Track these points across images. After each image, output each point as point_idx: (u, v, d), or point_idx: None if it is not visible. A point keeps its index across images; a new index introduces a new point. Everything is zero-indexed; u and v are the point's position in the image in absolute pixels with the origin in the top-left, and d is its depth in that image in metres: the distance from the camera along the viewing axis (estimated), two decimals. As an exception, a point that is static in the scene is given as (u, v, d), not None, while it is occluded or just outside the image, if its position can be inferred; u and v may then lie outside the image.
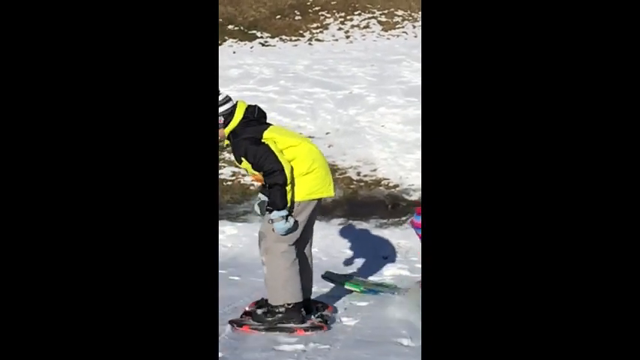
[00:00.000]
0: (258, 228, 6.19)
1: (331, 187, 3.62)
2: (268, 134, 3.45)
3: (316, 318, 3.66)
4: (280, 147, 3.43)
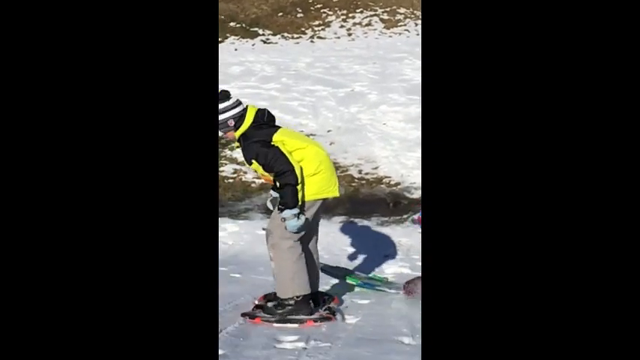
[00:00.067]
0: (259, 225, 6.28)
1: (336, 188, 3.75)
2: (278, 137, 3.57)
3: (324, 310, 3.76)
4: (289, 149, 3.55)
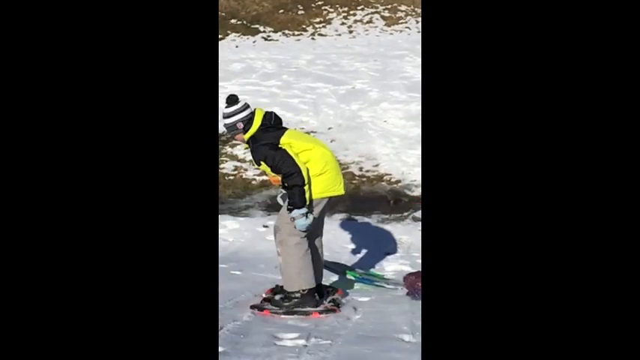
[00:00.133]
0: (259, 223, 6.29)
1: (341, 186, 3.91)
2: (285, 139, 3.74)
3: (328, 302, 3.92)
4: (296, 151, 3.72)
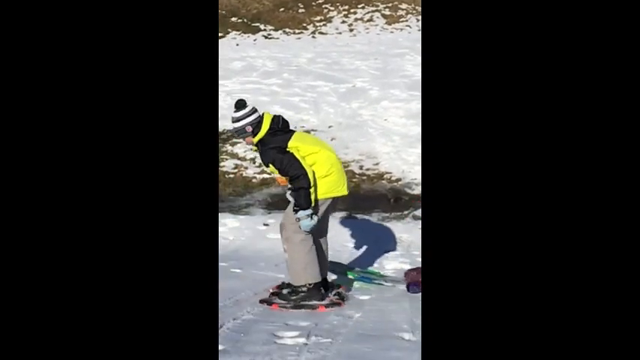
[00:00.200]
0: (260, 221, 6.29)
1: (345, 187, 4.10)
2: (292, 143, 3.92)
3: (334, 296, 4.07)
4: (302, 154, 3.91)
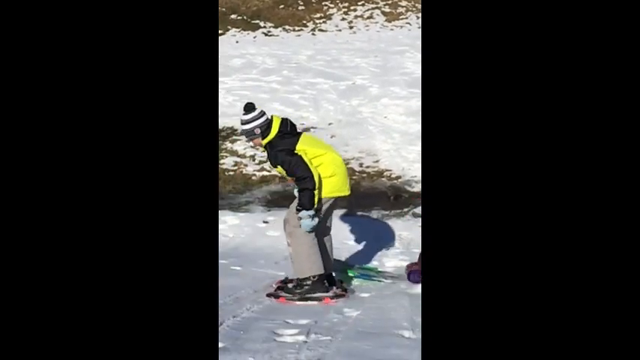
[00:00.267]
0: (260, 218, 6.30)
1: (347, 188, 4.31)
2: (300, 146, 4.10)
3: (337, 288, 4.21)
4: (310, 156, 4.09)
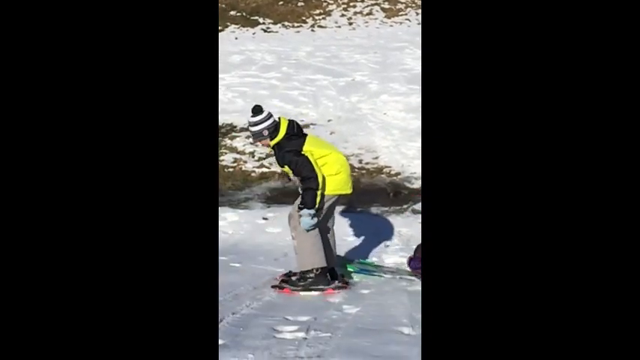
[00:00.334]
0: (259, 215, 6.30)
1: (350, 186, 4.50)
2: (307, 147, 4.29)
3: (338, 282, 4.36)
4: (315, 157, 4.27)
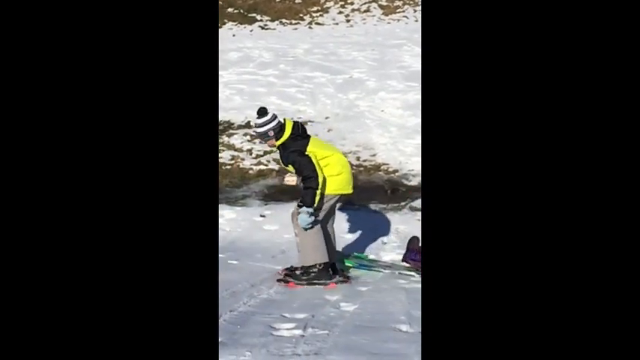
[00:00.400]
0: (257, 212, 6.31)
1: (350, 186, 4.64)
2: (310, 148, 4.45)
3: (340, 276, 4.48)
4: (318, 157, 4.43)
